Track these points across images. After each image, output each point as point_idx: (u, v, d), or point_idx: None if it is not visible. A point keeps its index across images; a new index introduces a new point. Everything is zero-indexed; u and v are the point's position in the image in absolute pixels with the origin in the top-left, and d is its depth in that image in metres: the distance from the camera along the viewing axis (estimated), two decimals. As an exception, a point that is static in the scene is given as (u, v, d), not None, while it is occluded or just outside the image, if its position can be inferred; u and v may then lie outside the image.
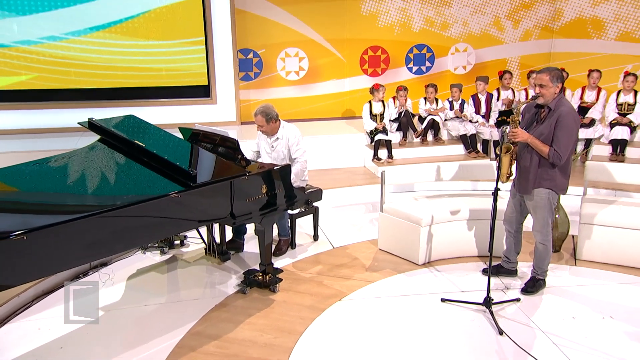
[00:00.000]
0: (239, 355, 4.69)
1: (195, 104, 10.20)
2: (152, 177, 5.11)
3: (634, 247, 6.15)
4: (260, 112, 6.35)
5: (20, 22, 9.08)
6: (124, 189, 5.07)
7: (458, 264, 6.37)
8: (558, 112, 5.22)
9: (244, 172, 5.36)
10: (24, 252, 3.89)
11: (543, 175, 5.35)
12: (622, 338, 4.92)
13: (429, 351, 4.78)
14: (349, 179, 9.19)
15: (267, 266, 5.81)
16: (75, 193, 5.00)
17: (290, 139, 6.43)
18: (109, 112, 9.47)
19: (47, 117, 9.57)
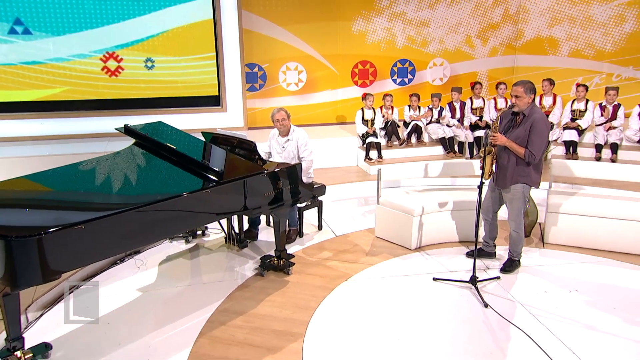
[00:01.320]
0: (263, 328, 4.76)
1: (208, 112, 10.16)
2: (183, 175, 5.13)
3: (592, 231, 6.26)
4: (281, 108, 6.48)
5: (55, 42, 9.04)
6: (159, 186, 5.11)
7: (445, 248, 6.42)
8: (532, 119, 5.33)
9: (262, 170, 5.41)
10: (80, 240, 3.91)
11: (519, 172, 5.45)
12: (586, 308, 5.04)
13: (424, 322, 4.85)
14: (344, 176, 9.22)
15: (282, 252, 5.83)
16: (118, 189, 5.04)
17: (300, 140, 6.47)
18: (131, 119, 9.35)
19: (77, 124, 9.52)
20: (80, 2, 9.08)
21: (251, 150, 5.80)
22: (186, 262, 6.19)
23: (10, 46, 8.89)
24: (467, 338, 4.62)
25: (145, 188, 5.10)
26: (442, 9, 11.26)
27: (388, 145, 9.98)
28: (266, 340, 4.57)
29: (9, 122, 9.13)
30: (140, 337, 4.64)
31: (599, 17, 11.00)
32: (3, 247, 3.66)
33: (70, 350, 4.47)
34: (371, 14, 10.97)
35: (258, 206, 5.41)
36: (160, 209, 4.46)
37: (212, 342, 4.54)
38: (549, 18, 11.41)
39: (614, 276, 5.71)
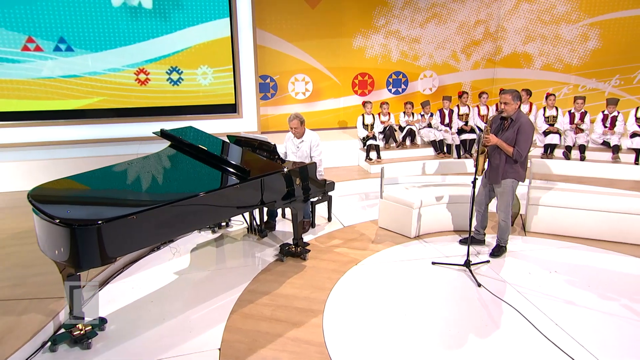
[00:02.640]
0: (287, 305, 4.80)
1: (226, 118, 10.15)
2: (215, 172, 5.14)
3: (568, 221, 6.35)
4: (296, 117, 6.43)
5: (93, 58, 9.03)
6: (194, 182, 5.07)
7: (441, 236, 6.47)
8: (519, 122, 5.38)
9: (283, 168, 5.41)
10: (131, 229, 3.98)
11: (509, 169, 5.52)
12: (564, 286, 5.14)
13: (426, 300, 4.90)
14: (347, 175, 9.21)
15: (299, 240, 5.86)
16: (159, 185, 5.05)
17: (312, 141, 6.50)
18: (159, 125, 9.28)
19: (111, 130, 9.53)
20: (115, 22, 9.09)
21: (271, 150, 5.84)
22: (214, 250, 6.19)
23: (55, 62, 8.89)
24: (464, 313, 4.67)
25: (182, 184, 5.06)
26: (431, 28, 11.29)
27: (386, 147, 10.02)
28: (290, 316, 4.60)
29: (54, 128, 9.12)
30: (181, 313, 4.68)
31: (567, 35, 11.10)
32: (68, 234, 3.72)
33: (122, 324, 4.51)
34: (369, 32, 11.00)
35: (271, 201, 5.38)
36: (196, 203, 4.49)
37: (243, 318, 4.58)
38: (523, 36, 11.48)
39: (587, 259, 5.79)
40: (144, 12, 9.26)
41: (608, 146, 9.58)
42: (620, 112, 9.60)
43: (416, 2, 11.07)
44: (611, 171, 6.74)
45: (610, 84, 10.99)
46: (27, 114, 9.00)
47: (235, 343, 4.21)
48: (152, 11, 9.30)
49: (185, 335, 4.33)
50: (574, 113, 9.69)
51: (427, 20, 11.27)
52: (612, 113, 9.58)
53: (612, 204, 6.18)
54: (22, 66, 8.79)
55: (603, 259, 5.79)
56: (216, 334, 4.34)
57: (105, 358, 4.04)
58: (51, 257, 4.02)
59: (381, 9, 10.94)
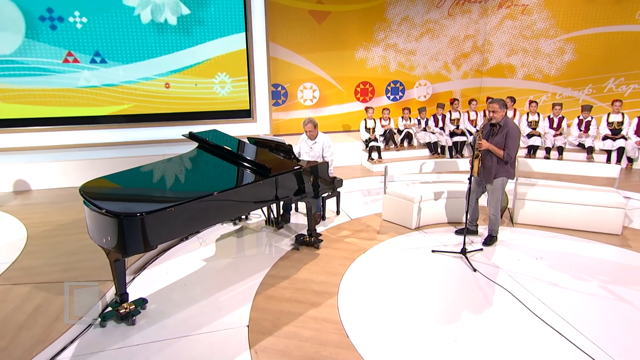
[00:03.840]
0: (305, 288, 4.82)
1: (242, 122, 10.08)
2: (239, 170, 5.15)
3: (550, 213, 6.39)
4: (310, 121, 6.46)
5: (125, 69, 9.03)
6: (222, 179, 5.08)
7: (439, 227, 6.49)
8: (507, 128, 5.44)
9: (300, 166, 5.40)
10: (169, 220, 4.00)
11: (500, 169, 5.57)
12: (549, 270, 5.19)
13: (428, 283, 4.94)
14: (351, 173, 9.23)
15: (313, 231, 5.85)
16: (191, 182, 5.05)
17: (325, 143, 6.54)
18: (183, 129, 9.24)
19: (141, 133, 9.52)
20: (144, 37, 9.11)
21: (287, 151, 5.80)
22: (236, 240, 6.19)
23: (91, 72, 8.92)
24: (462, 294, 4.73)
25: (210, 181, 5.06)
26: (425, 41, 11.31)
27: (386, 148, 10.05)
28: (309, 298, 4.63)
29: (90, 132, 9.13)
30: (210, 295, 4.72)
31: (546, 49, 11.16)
32: (116, 224, 3.77)
33: (160, 304, 4.56)
34: (370, 45, 11.02)
35: (285, 196, 5.33)
36: (223, 198, 4.49)
37: (267, 299, 4.61)
38: (507, 49, 11.53)
39: (568, 247, 5.83)
40: (169, 28, 9.28)
41: (583, 147, 9.67)
42: (593, 118, 9.67)
43: (412, 19, 11.11)
44: (586, 169, 6.81)
45: (584, 92, 11.07)
46: (66, 119, 9.02)
47: (261, 321, 4.25)
48: (176, 27, 9.32)
49: (216, 314, 4.37)
50: (552, 118, 9.80)
51: (422, 35, 11.31)
52: (586, 118, 9.66)
53: (588, 198, 6.23)
54: (63, 76, 8.82)
55: (581, 247, 5.84)
56: (244, 313, 4.38)
57: (148, 333, 4.10)
58: (100, 244, 4.04)
59: (381, 24, 10.98)
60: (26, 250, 5.60)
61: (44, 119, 8.90)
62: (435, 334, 4.08)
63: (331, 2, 10.55)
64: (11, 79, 8.51)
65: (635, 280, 4.99)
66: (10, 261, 5.26)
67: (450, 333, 4.10)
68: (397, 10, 11.00)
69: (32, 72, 8.63)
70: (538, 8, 11.04)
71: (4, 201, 7.64)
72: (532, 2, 11.05)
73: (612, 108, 9.57)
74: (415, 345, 3.93)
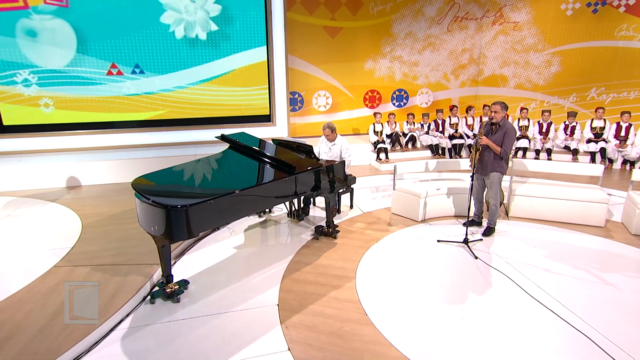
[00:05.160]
0: (326, 273, 4.87)
1: (262, 126, 10.01)
2: (266, 168, 5.18)
3: (542, 207, 6.42)
4: (327, 126, 6.48)
5: (160, 79, 9.06)
6: (252, 176, 5.07)
7: (443, 220, 6.51)
8: (505, 127, 5.50)
9: (320, 164, 5.40)
10: (207, 212, 4.04)
11: (496, 164, 5.63)
12: (542, 258, 5.24)
13: (434, 269, 4.99)
14: (361, 172, 9.20)
15: (330, 223, 5.88)
16: (225, 178, 5.10)
17: (343, 145, 6.56)
18: (212, 132, 9.24)
19: (175, 135, 9.52)
20: (177, 51, 9.15)
21: (308, 151, 5.81)
22: (262, 230, 6.24)
23: (132, 82, 8.99)
24: (465, 278, 4.78)
25: (242, 177, 5.06)
26: (427, 54, 11.30)
27: (392, 149, 10.04)
28: (330, 281, 4.69)
29: (130, 135, 9.16)
30: (243, 278, 4.80)
31: (535, 61, 11.11)
32: (164, 214, 3.85)
33: (200, 285, 4.65)
34: (378, 57, 11.01)
35: (304, 191, 5.30)
36: (253, 194, 4.55)
37: (293, 282, 4.67)
38: (500, 61, 11.50)
39: (558, 237, 5.87)
40: (199, 42, 9.33)
41: (569, 150, 9.67)
42: (578, 123, 9.69)
43: (415, 34, 11.11)
44: (572, 169, 6.82)
45: (569, 100, 11.03)
46: (111, 124, 9.08)
47: (289, 300, 4.31)
48: (206, 42, 9.37)
49: (249, 294, 4.45)
50: (542, 123, 9.82)
51: (424, 48, 11.30)
52: (571, 123, 9.68)
53: (575, 194, 6.27)
54: (107, 86, 8.91)
55: (570, 237, 5.89)
56: (273, 294, 4.44)
57: (191, 310, 4.19)
58: (148, 232, 4.11)
59: (387, 38, 10.98)
60: (82, 237, 5.70)
61: (92, 123, 8.97)
62: (444, 312, 4.15)
63: (343, 19, 10.56)
64: (65, 87, 8.64)
65: (618, 266, 5.06)
66: (70, 246, 5.38)
67: (457, 311, 4.17)
68: (402, 26, 11.01)
69: (82, 82, 8.76)
70: (528, 25, 11.04)
71: (60, 195, 7.78)
72: (523, 19, 11.06)
73: (595, 115, 9.58)
74: (426, 322, 4.01)
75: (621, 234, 5.97)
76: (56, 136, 8.72)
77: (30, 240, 5.66)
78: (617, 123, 9.34)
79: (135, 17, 8.78)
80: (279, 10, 9.57)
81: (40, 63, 8.37)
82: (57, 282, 4.47)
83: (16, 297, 4.21)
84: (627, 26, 10.09)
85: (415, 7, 10.95)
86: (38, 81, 8.46)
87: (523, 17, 11.03)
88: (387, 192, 8.04)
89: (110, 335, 3.84)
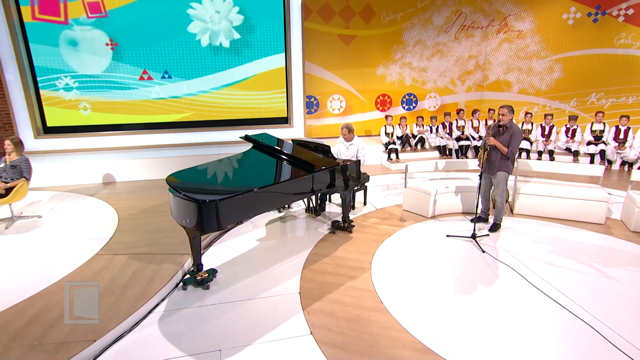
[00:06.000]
0: (343, 264, 4.88)
1: (280, 127, 10.07)
2: (288, 166, 5.19)
3: (545, 205, 6.38)
4: (345, 127, 6.48)
5: (187, 84, 9.19)
6: (276, 173, 5.09)
7: (451, 217, 6.49)
8: (512, 130, 5.50)
9: (337, 163, 5.38)
10: (235, 206, 4.09)
11: (502, 164, 5.63)
12: (546, 252, 5.22)
13: (442, 262, 5.00)
14: (373, 171, 9.21)
15: (346, 218, 5.88)
16: (250, 175, 5.09)
17: (359, 145, 6.53)
18: (235, 133, 9.39)
19: (199, 136, 9.62)
20: (203, 58, 9.23)
21: (325, 151, 5.79)
22: (282, 224, 6.25)
23: (161, 87, 9.09)
24: (474, 271, 4.79)
25: (265, 175, 5.07)
26: (435, 61, 11.28)
27: (402, 150, 10.03)
28: (347, 272, 4.71)
29: (161, 135, 9.27)
30: (266, 268, 4.83)
31: (537, 68, 11.03)
32: (196, 207, 3.91)
33: (227, 274, 4.71)
34: (389, 63, 11.02)
35: (320, 189, 5.25)
36: (276, 191, 4.59)
37: (312, 272, 4.71)
38: (504, 68, 11.43)
39: (560, 233, 5.84)
40: (223, 50, 9.42)
41: (570, 151, 9.62)
42: (578, 126, 9.63)
43: (424, 41, 11.10)
44: (575, 169, 6.77)
45: (569, 104, 10.94)
46: (141, 125, 9.22)
47: (310, 289, 4.36)
48: (229, 49, 9.45)
49: (272, 283, 4.50)
50: (544, 126, 9.78)
51: (432, 55, 11.27)
52: (572, 127, 9.62)
53: (577, 193, 6.25)
54: (139, 90, 9.05)
55: (572, 233, 5.87)
56: (295, 283, 4.49)
57: (220, 296, 4.28)
58: (181, 224, 4.17)
59: (398, 46, 10.98)
60: (119, 228, 5.83)
61: (124, 124, 9.15)
62: (454, 302, 4.18)
63: (357, 27, 10.59)
64: (101, 91, 8.81)
65: (617, 260, 5.04)
66: (109, 237, 5.51)
67: (466, 301, 4.20)
68: (411, 34, 11.01)
69: (117, 86, 8.91)
70: (531, 33, 10.97)
71: (97, 190, 7.94)
72: (526, 28, 10.99)
73: (595, 118, 9.52)
74: (438, 310, 4.05)
75: (620, 231, 5.93)
76: (93, 136, 8.90)
77: (74, 230, 5.81)
78: (616, 126, 9.28)
79: (166, 27, 8.92)
80: (297, 19, 9.65)
81: (80, 70, 8.56)
82: (99, 268, 4.61)
83: (64, 281, 4.34)
84: (626, 35, 10.01)
85: (424, 17, 10.96)
86: (78, 86, 8.64)
87: (526, 26, 10.97)
88: (397, 190, 8.02)
89: (148, 317, 3.95)
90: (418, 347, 3.52)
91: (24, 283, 4.35)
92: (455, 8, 11.01)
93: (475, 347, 3.55)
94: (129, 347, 3.56)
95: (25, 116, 8.38)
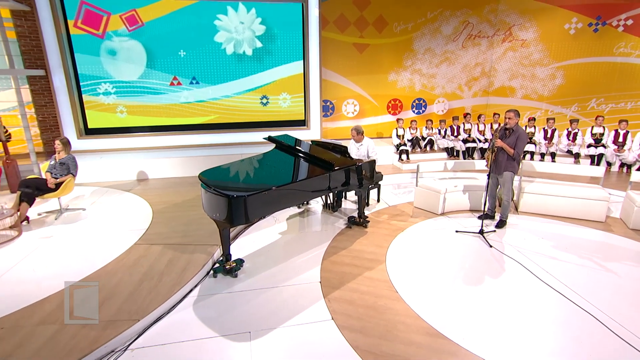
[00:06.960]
0: (359, 257, 4.89)
1: (298, 129, 10.18)
2: (309, 165, 5.21)
3: (548, 204, 6.35)
4: (354, 129, 6.42)
5: (212, 89, 9.30)
6: (298, 171, 5.08)
7: (460, 213, 6.47)
8: (518, 132, 5.48)
9: (354, 162, 5.38)
10: (261, 201, 4.12)
11: (508, 164, 5.61)
12: (549, 248, 5.20)
13: (452, 256, 4.99)
14: (384, 171, 9.09)
15: (362, 214, 5.86)
16: (274, 173, 5.03)
17: (370, 145, 6.50)
18: (256, 134, 9.54)
19: (223, 137, 9.73)
20: (227, 65, 9.36)
21: (343, 152, 5.83)
22: (301, 219, 6.26)
23: (189, 92, 9.24)
24: (481, 263, 4.79)
25: (289, 173, 5.06)
26: (444, 68, 11.25)
27: (412, 151, 9.99)
28: (364, 263, 4.73)
29: (188, 136, 9.39)
30: (288, 259, 4.86)
31: (540, 75, 10.96)
32: (227, 202, 3.98)
33: (253, 264, 4.76)
34: (400, 70, 11.01)
35: (335, 186, 5.19)
36: (298, 188, 4.58)
37: (331, 264, 4.73)
38: (509, 74, 11.38)
39: (563, 230, 5.81)
40: (246, 57, 9.54)
41: (571, 153, 9.50)
42: (579, 130, 9.52)
43: (433, 49, 11.08)
44: (574, 170, 6.70)
45: (571, 109, 10.86)
46: (171, 127, 9.38)
47: (330, 279, 4.39)
48: (251, 57, 9.58)
49: (294, 272, 4.53)
50: (547, 130, 9.70)
51: (441, 62, 11.25)
52: (574, 130, 9.51)
53: (579, 192, 6.22)
54: (169, 95, 9.21)
55: (574, 230, 5.84)
56: (315, 273, 4.52)
57: (247, 283, 4.33)
58: (212, 217, 4.23)
59: (408, 53, 10.99)
60: (154, 221, 5.92)
61: (156, 126, 9.31)
62: (464, 292, 4.21)
63: (370, 37, 10.61)
64: (136, 96, 8.99)
65: (617, 256, 5.02)
66: (145, 228, 5.62)
67: (475, 291, 4.22)
68: (421, 43, 11.00)
69: (149, 92, 9.08)
70: (534, 42, 10.91)
71: (132, 186, 8.06)
72: (530, 37, 10.92)
73: (596, 122, 9.43)
74: (449, 299, 4.08)
75: (620, 229, 5.88)
76: (128, 137, 9.10)
77: (114, 222, 5.94)
78: (615, 130, 9.17)
79: (195, 37, 9.07)
80: (315, 29, 9.74)
81: (117, 76, 8.75)
82: (138, 256, 4.73)
83: (109, 267, 4.49)
84: (625, 44, 9.90)
85: (433, 26, 10.94)
86: (115, 91, 8.84)
87: (530, 36, 10.90)
88: (408, 188, 8.02)
89: (184, 301, 4.05)
90: (431, 332, 3.57)
91: (74, 268, 4.49)
92: (462, 18, 10.98)
93: (484, 333, 3.58)
94: (168, 327, 3.66)
95: (69, 119, 8.62)
